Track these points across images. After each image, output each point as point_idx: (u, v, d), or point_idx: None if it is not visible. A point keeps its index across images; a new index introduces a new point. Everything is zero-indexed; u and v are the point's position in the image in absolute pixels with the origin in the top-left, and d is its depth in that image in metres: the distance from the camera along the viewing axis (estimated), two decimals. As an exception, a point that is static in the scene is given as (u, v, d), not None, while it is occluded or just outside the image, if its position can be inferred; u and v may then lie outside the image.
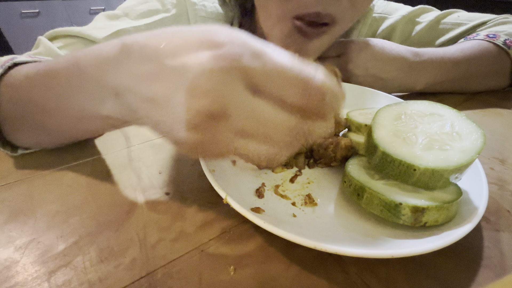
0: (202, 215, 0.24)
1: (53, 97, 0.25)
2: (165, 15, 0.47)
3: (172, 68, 0.17)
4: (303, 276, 0.20)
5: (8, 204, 0.25)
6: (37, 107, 0.26)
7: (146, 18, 0.46)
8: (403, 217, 0.21)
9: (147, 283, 0.19)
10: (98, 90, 0.21)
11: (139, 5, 0.46)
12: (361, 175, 0.25)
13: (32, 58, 0.31)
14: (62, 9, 1.96)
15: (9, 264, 0.20)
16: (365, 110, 0.33)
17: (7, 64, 0.28)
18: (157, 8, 0.47)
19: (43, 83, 0.25)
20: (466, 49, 0.48)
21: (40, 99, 0.25)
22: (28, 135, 0.29)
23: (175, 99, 0.17)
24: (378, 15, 0.61)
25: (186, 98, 0.16)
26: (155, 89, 0.18)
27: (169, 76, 0.17)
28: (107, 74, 0.20)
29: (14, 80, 0.27)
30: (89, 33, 0.41)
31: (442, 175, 0.21)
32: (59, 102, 0.25)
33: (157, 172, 0.29)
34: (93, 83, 0.21)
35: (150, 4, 0.47)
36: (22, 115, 0.27)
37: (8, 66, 0.28)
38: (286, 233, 0.19)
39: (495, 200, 0.27)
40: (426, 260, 0.21)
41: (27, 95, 0.26)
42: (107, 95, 0.21)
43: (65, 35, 0.42)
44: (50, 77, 0.25)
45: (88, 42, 0.42)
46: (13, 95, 0.27)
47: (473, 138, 0.23)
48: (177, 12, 0.48)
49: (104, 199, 0.26)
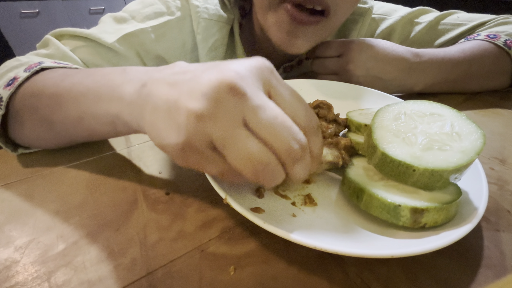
0: (202, 215, 0.24)
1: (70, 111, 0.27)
2: (170, 18, 0.47)
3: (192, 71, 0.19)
4: (303, 276, 0.20)
5: (8, 204, 0.25)
6: (51, 116, 0.28)
7: (152, 20, 0.46)
8: (402, 218, 0.21)
9: (147, 283, 0.19)
10: (108, 123, 0.25)
11: (145, 8, 0.47)
12: (360, 177, 0.25)
13: (57, 64, 0.34)
14: (61, 9, 1.96)
15: (9, 264, 0.20)
16: (365, 110, 0.33)
17: (35, 68, 0.31)
18: (162, 11, 0.47)
19: (59, 100, 0.27)
20: (467, 50, 0.48)
21: (54, 112, 0.28)
22: (36, 132, 0.30)
23: (203, 73, 0.18)
24: (377, 16, 0.61)
25: (210, 72, 0.18)
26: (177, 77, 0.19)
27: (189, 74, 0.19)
28: (122, 114, 0.22)
29: (39, 85, 0.30)
30: (99, 36, 0.41)
31: (441, 175, 0.21)
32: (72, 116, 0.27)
33: (157, 172, 0.29)
34: (106, 117, 0.24)
35: (155, 6, 0.47)
36: (37, 119, 0.29)
37: (35, 70, 0.31)
38: (286, 233, 0.19)
39: (495, 200, 0.27)
40: (426, 260, 0.21)
41: (47, 103, 0.28)
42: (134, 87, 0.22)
43: (74, 36, 0.42)
44: (65, 96, 0.27)
45: (98, 46, 0.42)
46: (35, 99, 0.29)
47: (473, 138, 0.23)
48: (182, 14, 0.48)
49: (104, 199, 0.26)
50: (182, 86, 0.18)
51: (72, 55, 0.40)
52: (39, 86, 0.29)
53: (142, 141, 0.35)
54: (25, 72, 0.31)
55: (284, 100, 0.19)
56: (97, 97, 0.25)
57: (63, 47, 0.40)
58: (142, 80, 0.21)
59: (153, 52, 0.47)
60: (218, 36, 0.51)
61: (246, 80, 0.18)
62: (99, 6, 2.09)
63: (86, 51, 0.42)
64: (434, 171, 0.21)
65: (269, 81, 0.19)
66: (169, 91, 0.18)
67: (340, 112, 0.33)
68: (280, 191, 0.27)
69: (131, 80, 0.22)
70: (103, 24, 0.45)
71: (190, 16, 0.49)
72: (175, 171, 0.30)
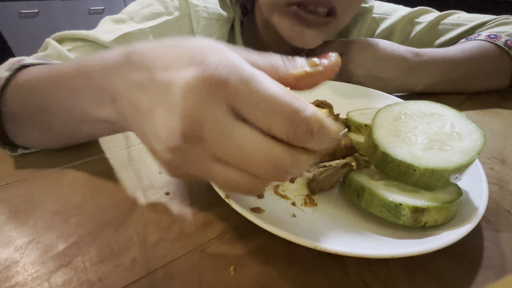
0: (202, 215, 0.24)
1: (57, 99, 0.25)
2: (168, 18, 0.47)
3: (160, 81, 0.17)
4: (303, 276, 0.20)
5: (8, 204, 0.25)
6: (42, 108, 0.27)
7: (150, 21, 0.46)
8: (403, 217, 0.21)
9: (147, 283, 0.19)
10: (98, 94, 0.22)
11: (143, 9, 0.47)
12: (361, 176, 0.25)
13: (39, 60, 0.32)
14: (61, 9, 1.95)
15: (9, 264, 0.20)
16: (365, 110, 0.33)
17: (15, 66, 0.29)
18: (161, 11, 0.47)
19: (48, 85, 0.26)
20: (467, 50, 0.48)
21: (46, 101, 0.26)
22: (34, 134, 0.30)
23: (156, 112, 0.17)
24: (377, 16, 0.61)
25: (165, 115, 0.16)
26: (142, 99, 0.18)
27: (156, 89, 0.17)
28: (107, 78, 0.21)
29: (22, 82, 0.28)
30: (97, 36, 0.41)
31: (442, 175, 0.21)
32: (63, 104, 0.25)
33: (157, 172, 0.29)
34: (95, 87, 0.22)
35: (154, 7, 0.47)
36: (29, 115, 0.28)
37: (16, 68, 0.29)
38: (286, 233, 0.19)
39: (495, 200, 0.27)
40: (426, 260, 0.21)
41: (34, 97, 0.27)
42: (106, 99, 0.22)
43: (73, 38, 0.42)
44: (55, 79, 0.26)
45: (97, 45, 0.42)
46: (21, 97, 0.28)
47: (473, 138, 0.23)
48: (180, 14, 0.48)
49: (104, 199, 0.26)
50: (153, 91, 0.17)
51: (68, 54, 0.40)
52: (21, 83, 0.28)
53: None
54: (6, 72, 0.29)
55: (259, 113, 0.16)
56: (76, 117, 0.25)
57: (59, 47, 0.40)
58: (108, 92, 0.21)
59: None
60: (218, 34, 0.51)
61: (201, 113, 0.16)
62: (99, 6, 2.09)
63: (84, 51, 0.42)
64: (434, 171, 0.21)
65: (231, 98, 0.16)
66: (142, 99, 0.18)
67: (340, 112, 0.33)
68: (280, 191, 0.27)
69: (98, 96, 0.22)
70: (102, 25, 0.46)
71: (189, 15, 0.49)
72: (175, 171, 0.30)
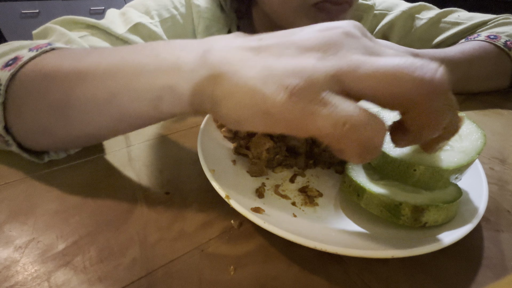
0: (202, 215, 0.24)
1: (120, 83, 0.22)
2: (175, 13, 0.48)
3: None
4: (303, 276, 0.20)
5: (8, 203, 0.25)
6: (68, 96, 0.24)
7: (158, 14, 0.47)
8: (403, 217, 0.21)
9: (147, 283, 0.19)
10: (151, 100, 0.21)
11: (151, 2, 0.48)
12: (360, 176, 0.25)
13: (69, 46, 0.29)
14: (62, 9, 1.96)
15: (9, 264, 0.20)
16: (365, 110, 0.33)
17: (44, 48, 0.26)
18: (168, 6, 0.49)
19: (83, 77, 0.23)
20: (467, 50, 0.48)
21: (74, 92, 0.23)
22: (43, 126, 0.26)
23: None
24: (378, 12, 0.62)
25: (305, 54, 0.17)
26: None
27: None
28: (178, 85, 0.20)
29: (50, 65, 0.25)
30: (108, 26, 0.40)
31: (442, 175, 0.21)
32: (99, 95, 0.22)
33: (157, 172, 0.29)
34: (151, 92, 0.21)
35: (160, 1, 0.48)
36: (46, 105, 0.25)
37: (45, 50, 0.26)
38: (286, 233, 0.19)
39: (495, 200, 0.27)
40: (426, 260, 0.21)
41: (63, 84, 0.24)
42: (198, 51, 0.20)
43: (80, 23, 0.39)
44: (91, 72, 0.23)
45: (109, 35, 0.41)
46: (44, 84, 0.24)
47: (473, 138, 0.23)
48: (186, 11, 0.49)
49: (104, 199, 0.26)
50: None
51: (80, 42, 0.36)
52: (52, 65, 0.25)
53: (142, 141, 0.35)
54: (30, 52, 0.26)
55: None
56: (139, 70, 0.21)
57: (69, 33, 0.36)
58: (200, 48, 0.19)
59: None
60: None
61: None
62: (99, 6, 2.09)
63: (96, 40, 0.39)
64: (435, 171, 0.21)
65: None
66: (246, 55, 0.18)
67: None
68: (280, 191, 0.27)
69: (184, 49, 0.20)
70: (108, 17, 0.45)
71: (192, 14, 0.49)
72: (175, 171, 0.30)
